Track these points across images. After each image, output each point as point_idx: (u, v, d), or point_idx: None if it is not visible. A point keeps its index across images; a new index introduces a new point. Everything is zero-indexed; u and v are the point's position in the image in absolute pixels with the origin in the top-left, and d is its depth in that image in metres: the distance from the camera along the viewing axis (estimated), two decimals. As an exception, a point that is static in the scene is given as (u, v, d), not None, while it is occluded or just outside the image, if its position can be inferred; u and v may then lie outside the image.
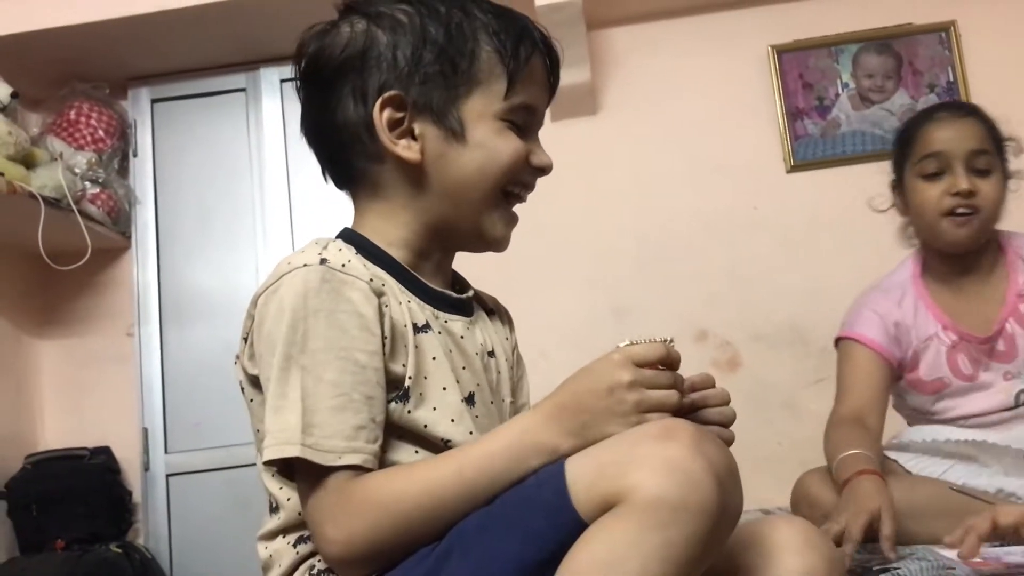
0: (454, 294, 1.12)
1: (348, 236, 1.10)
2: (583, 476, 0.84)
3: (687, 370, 1.04)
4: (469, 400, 1.06)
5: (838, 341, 1.92)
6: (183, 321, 3.01)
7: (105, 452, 2.88)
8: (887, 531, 1.46)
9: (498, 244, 1.12)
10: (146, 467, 2.91)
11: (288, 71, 3.04)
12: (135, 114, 3.11)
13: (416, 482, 0.91)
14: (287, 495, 1.03)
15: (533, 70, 1.08)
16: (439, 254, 1.13)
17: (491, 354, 1.16)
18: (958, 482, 1.69)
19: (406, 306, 1.03)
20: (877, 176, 1.97)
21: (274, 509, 1.07)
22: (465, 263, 1.22)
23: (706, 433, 0.86)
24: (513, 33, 1.07)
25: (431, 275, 1.11)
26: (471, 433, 1.03)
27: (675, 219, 2.95)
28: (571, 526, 0.83)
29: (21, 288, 2.98)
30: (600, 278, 2.93)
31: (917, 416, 1.92)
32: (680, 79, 3.05)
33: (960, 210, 1.76)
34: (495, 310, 1.25)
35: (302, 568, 1.01)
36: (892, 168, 1.94)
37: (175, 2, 2.71)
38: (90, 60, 2.94)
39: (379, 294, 0.99)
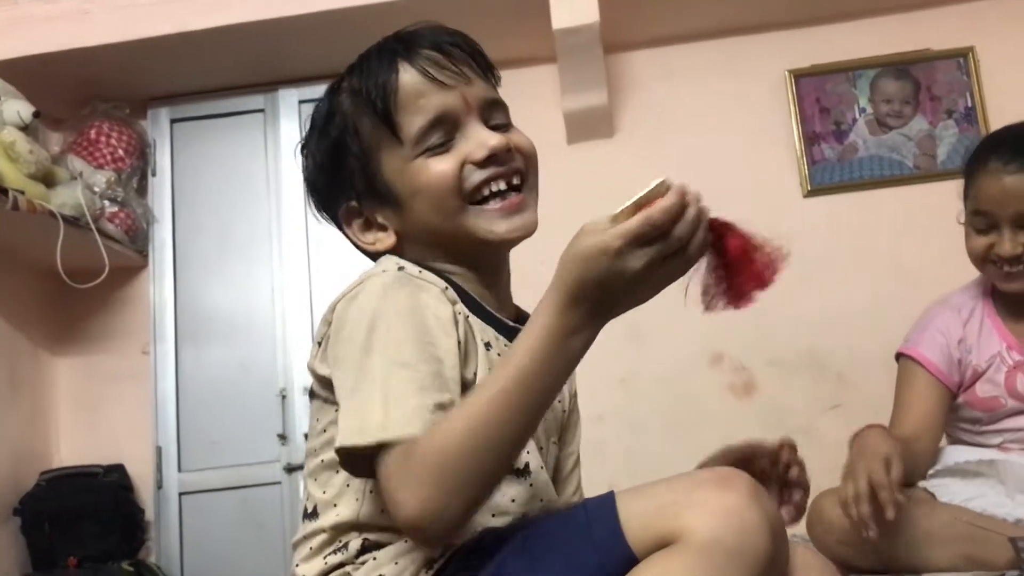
0: (509, 322, 1.10)
1: (418, 263, 1.09)
2: (638, 514, 0.86)
3: (703, 396, 1.04)
4: None
5: (899, 356, 1.90)
6: (199, 340, 3.02)
7: (118, 470, 2.89)
8: (895, 474, 1.47)
9: (511, 235, 1.08)
10: (159, 485, 2.91)
11: (305, 92, 3.11)
12: (154, 134, 3.14)
13: (463, 422, 0.85)
14: (334, 501, 1.01)
15: (406, 90, 1.06)
16: (486, 277, 1.11)
17: None
18: (979, 510, 1.66)
19: (474, 325, 1.04)
20: (894, 201, 1.96)
21: (309, 515, 1.05)
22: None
23: (761, 487, 0.88)
24: (369, 76, 1.09)
25: (490, 303, 1.10)
26: (527, 452, 1.02)
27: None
28: (622, 562, 0.85)
29: (39, 305, 3.00)
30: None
31: (964, 429, 1.90)
32: (697, 103, 3.05)
33: (1006, 268, 1.74)
34: None
35: None
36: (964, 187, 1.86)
37: (195, 24, 2.74)
38: (111, 80, 2.97)
39: (453, 301, 1.01)
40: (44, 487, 2.78)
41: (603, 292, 0.86)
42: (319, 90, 3.40)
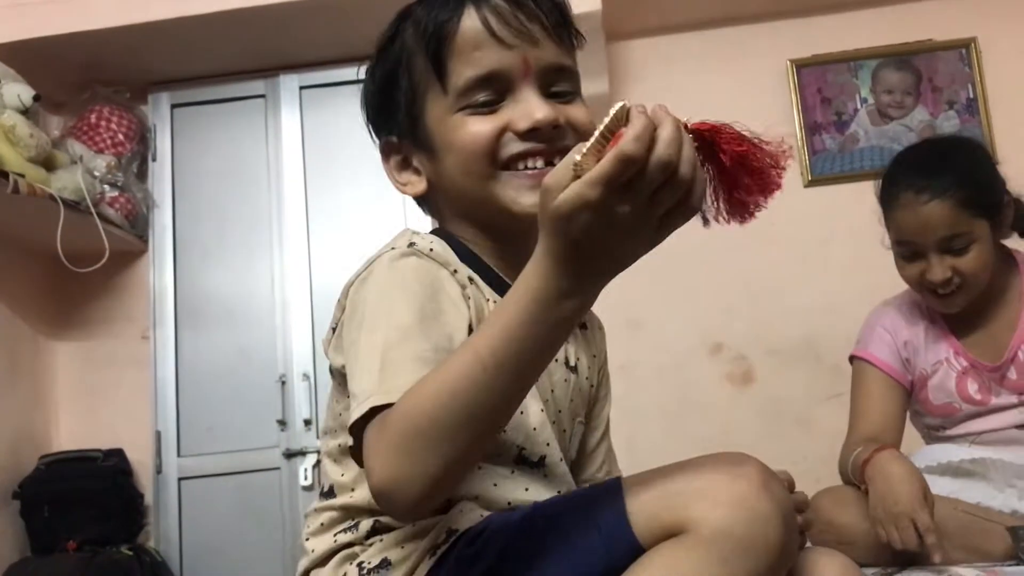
0: None
1: (443, 234, 1.06)
2: (646, 503, 0.84)
3: (701, 385, 1.04)
4: (545, 403, 1.03)
5: (852, 359, 1.90)
6: (198, 325, 3.02)
7: (118, 454, 2.89)
8: (924, 524, 1.48)
9: (532, 211, 0.90)
10: (158, 470, 2.92)
11: (307, 78, 3.10)
12: (155, 119, 3.13)
13: (435, 386, 0.79)
14: (352, 483, 1.01)
15: (464, 36, 0.99)
16: (513, 248, 1.04)
17: (572, 369, 1.10)
18: (973, 502, 1.67)
19: (488, 305, 1.00)
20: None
21: (325, 493, 1.05)
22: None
23: (772, 472, 0.86)
24: (433, 9, 1.02)
25: (514, 276, 1.03)
26: (548, 444, 1.00)
27: (690, 232, 2.91)
28: (627, 549, 0.82)
29: (38, 289, 3.00)
30: (614, 291, 2.91)
31: (930, 433, 1.91)
32: (698, 92, 3.04)
33: (940, 291, 1.72)
34: (588, 324, 1.18)
35: (340, 556, 1.00)
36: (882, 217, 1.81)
37: (196, 8, 2.73)
38: (111, 65, 2.96)
39: (462, 285, 0.98)
40: (43, 471, 2.79)
41: (593, 249, 0.75)
42: (320, 76, 3.42)
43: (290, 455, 2.89)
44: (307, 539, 1.05)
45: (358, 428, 0.84)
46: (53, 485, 2.73)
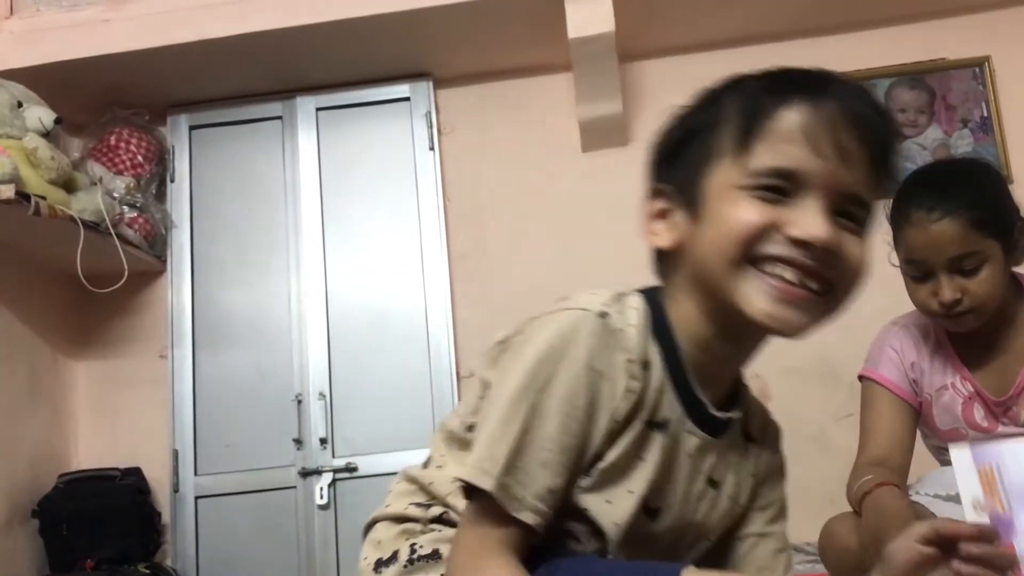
0: (714, 411, 1.02)
1: (652, 301, 1.02)
2: None
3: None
4: (652, 514, 1.00)
5: (861, 378, 1.89)
6: (216, 345, 3.04)
7: (136, 473, 2.91)
8: None
9: (769, 320, 0.94)
10: (176, 488, 2.94)
11: (323, 100, 3.13)
12: (173, 140, 3.17)
13: None
14: (442, 463, 1.06)
15: (781, 125, 0.94)
16: (724, 347, 1.02)
17: (714, 485, 1.06)
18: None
19: (655, 396, 0.98)
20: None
21: (425, 464, 1.10)
22: (488, 294, 1.22)
23: None
24: (767, 87, 0.97)
25: (704, 375, 1.02)
26: (623, 544, 0.98)
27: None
28: None
29: (59, 309, 3.03)
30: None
31: (939, 454, 1.89)
32: (712, 112, 3.06)
33: (951, 312, 1.69)
34: (761, 437, 1.14)
35: (402, 528, 1.04)
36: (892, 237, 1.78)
37: (214, 32, 2.77)
38: (131, 87, 3.00)
39: (632, 376, 0.95)
40: (62, 489, 2.81)
41: None
42: (336, 98, 3.45)
43: (306, 474, 2.90)
44: (390, 491, 1.09)
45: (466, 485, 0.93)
46: (72, 503, 2.75)
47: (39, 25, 2.82)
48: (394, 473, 1.13)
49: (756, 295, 0.94)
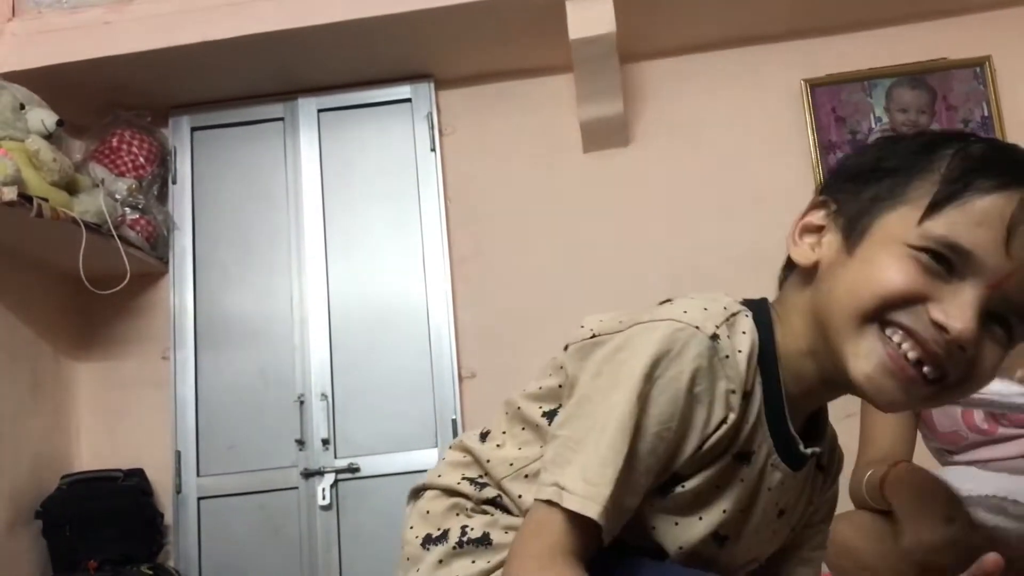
0: (802, 446, 0.98)
1: (761, 321, 0.97)
2: None
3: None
4: (721, 541, 0.97)
5: None
6: (218, 346, 3.04)
7: (138, 474, 2.91)
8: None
9: (867, 384, 0.89)
10: (178, 490, 2.94)
11: (325, 101, 3.14)
12: (175, 142, 3.17)
13: None
14: (501, 440, 1.02)
15: (976, 207, 0.86)
16: (816, 384, 0.97)
17: (781, 514, 1.03)
18: (989, 524, 1.66)
19: (750, 428, 0.94)
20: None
21: (484, 435, 1.05)
22: (489, 294, 1.21)
23: None
24: (997, 163, 0.89)
25: (794, 406, 0.98)
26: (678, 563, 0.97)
27: (706, 251, 2.95)
28: None
29: (61, 311, 3.04)
30: (629, 308, 2.93)
31: (940, 455, 1.89)
32: (712, 112, 3.06)
33: None
34: (829, 464, 1.10)
35: (453, 502, 1.01)
36: None
37: (216, 33, 2.78)
38: (133, 89, 3.01)
39: (731, 408, 0.91)
40: (65, 491, 2.81)
41: None
42: (338, 99, 3.45)
43: (308, 475, 2.90)
44: (443, 459, 1.05)
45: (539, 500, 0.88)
46: (74, 505, 2.76)
47: (41, 27, 2.82)
48: (397, 474, 1.13)
49: (867, 356, 0.89)
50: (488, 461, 1.00)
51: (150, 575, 2.69)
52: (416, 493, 1.07)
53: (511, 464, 0.99)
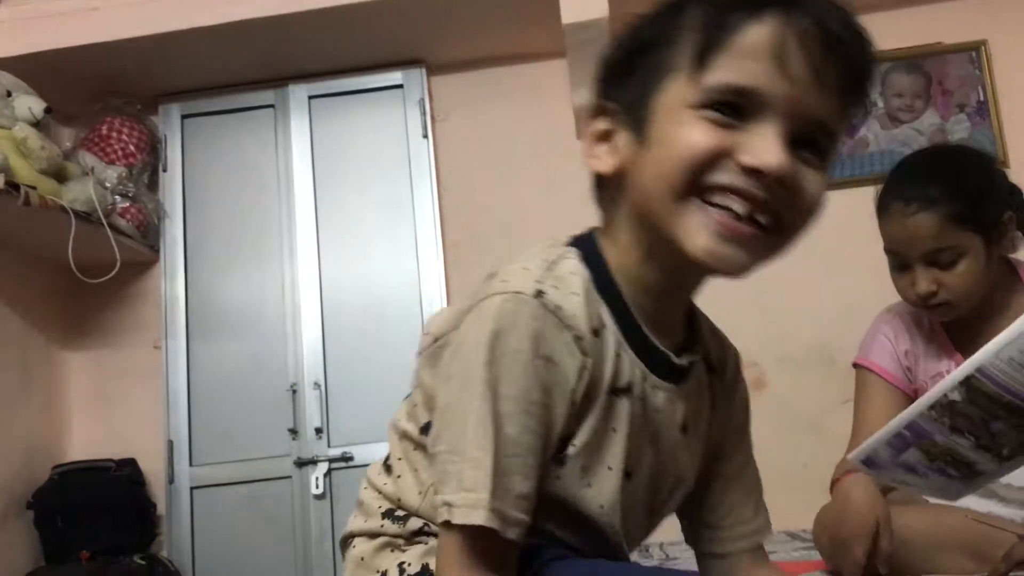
0: (674, 358, 0.96)
1: (590, 252, 0.95)
2: None
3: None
4: (628, 476, 0.95)
5: (855, 366, 1.89)
6: (210, 335, 3.03)
7: (130, 464, 2.90)
8: (884, 550, 1.48)
9: (709, 258, 0.85)
10: (171, 479, 2.93)
11: (315, 88, 3.11)
12: (165, 129, 3.15)
13: None
14: (400, 471, 1.01)
15: (746, 40, 0.83)
16: (669, 287, 0.95)
17: (684, 429, 1.01)
18: (984, 511, 1.65)
19: (613, 362, 0.92)
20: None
21: (386, 464, 1.04)
22: (473, 279, 1.19)
23: None
24: (721, 2, 0.86)
25: (657, 320, 0.95)
26: (612, 524, 0.95)
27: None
28: None
29: (51, 300, 3.02)
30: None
31: None
32: (707, 97, 3.04)
33: (930, 302, 1.69)
34: (721, 363, 1.09)
35: (382, 541, 1.00)
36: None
37: (205, 20, 2.75)
38: (122, 76, 2.98)
39: (584, 352, 0.88)
40: (57, 481, 2.80)
41: None
42: (329, 85, 3.43)
43: (301, 464, 2.89)
44: (362, 501, 1.04)
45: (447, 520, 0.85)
46: (66, 495, 2.75)
47: (28, 14, 2.79)
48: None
49: (698, 230, 0.85)
50: (399, 499, 0.99)
51: (143, 565, 2.68)
52: (345, 542, 1.05)
53: (419, 492, 0.97)
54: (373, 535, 1.00)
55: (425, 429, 0.97)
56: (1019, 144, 2.85)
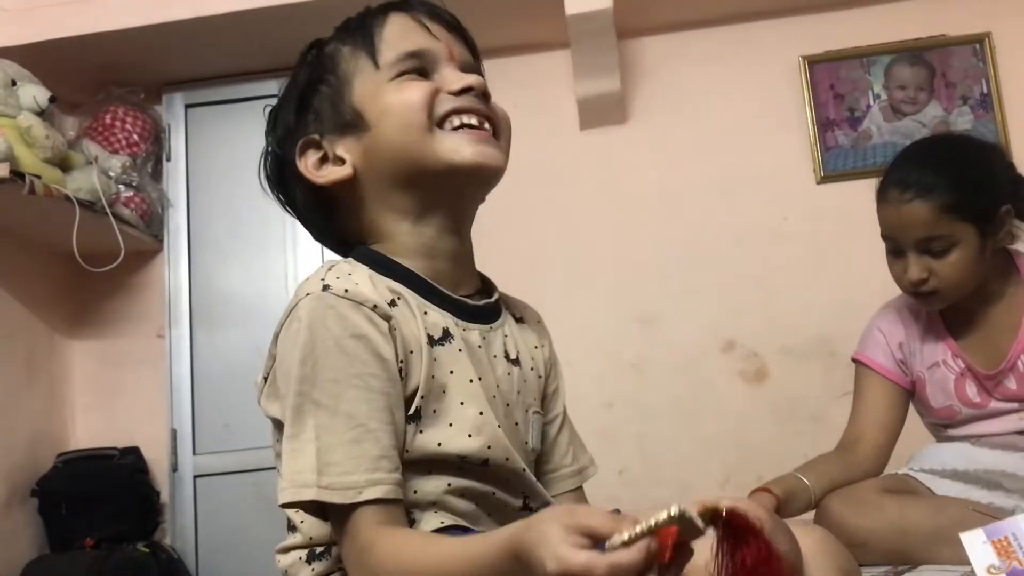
0: (471, 301, 1.10)
1: (363, 253, 1.09)
2: None
3: (714, 383, 1.02)
4: (487, 404, 1.05)
5: (853, 361, 1.91)
6: (213, 324, 3.04)
7: (134, 452, 2.92)
8: None
9: (479, 167, 1.06)
10: (174, 468, 2.94)
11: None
12: (169, 119, 3.15)
13: (426, 561, 0.87)
14: (300, 517, 1.05)
15: (393, 27, 1.10)
16: (450, 243, 1.10)
17: (514, 362, 1.13)
18: (986, 502, 1.66)
19: (421, 320, 1.02)
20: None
21: (291, 528, 1.09)
22: (485, 271, 1.21)
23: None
24: (356, 21, 1.13)
25: (450, 279, 1.09)
26: (489, 447, 1.02)
27: (703, 228, 2.94)
28: None
29: (55, 289, 3.03)
30: (626, 287, 2.93)
31: (936, 431, 1.90)
32: (710, 89, 3.04)
33: (920, 289, 1.70)
34: (524, 318, 1.22)
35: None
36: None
37: (210, 9, 2.75)
38: (126, 65, 2.98)
39: (386, 317, 0.98)
40: (60, 469, 2.81)
41: None
42: (333, 75, 3.36)
43: (304, 453, 2.90)
44: (285, 569, 1.08)
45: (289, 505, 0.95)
46: (70, 483, 2.76)
47: (33, 3, 2.79)
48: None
49: (457, 147, 1.04)
50: (311, 539, 1.05)
51: (146, 552, 2.69)
52: None
53: (323, 522, 1.02)
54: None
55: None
56: (1022, 136, 2.85)
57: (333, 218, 1.15)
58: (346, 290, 0.97)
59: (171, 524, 2.92)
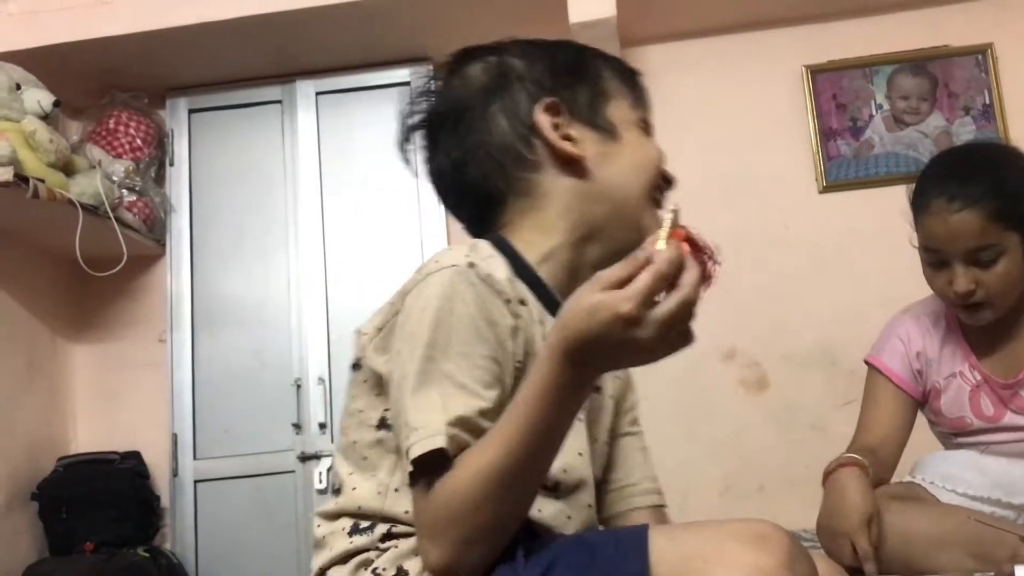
0: None
1: (499, 243, 1.06)
2: (667, 561, 0.83)
3: (715, 391, 1.03)
4: (589, 426, 1.05)
5: (866, 363, 1.89)
6: (215, 329, 3.04)
7: (135, 457, 2.91)
8: (861, 550, 1.48)
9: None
10: (175, 472, 2.94)
11: (323, 84, 3.12)
12: (172, 124, 3.16)
13: (468, 476, 0.86)
14: (354, 483, 1.01)
15: (643, 95, 1.17)
16: (589, 271, 1.02)
17: (598, 390, 1.11)
18: (988, 511, 1.66)
19: (539, 329, 1.00)
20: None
21: (337, 491, 1.05)
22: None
23: (800, 549, 0.84)
24: (612, 58, 1.18)
25: (564, 294, 1.02)
26: (564, 471, 1.00)
27: (705, 235, 2.94)
28: None
29: (57, 293, 3.03)
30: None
31: (945, 439, 1.89)
32: (713, 97, 3.05)
33: (964, 303, 1.66)
34: None
35: (356, 561, 0.98)
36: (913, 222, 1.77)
37: (214, 14, 2.76)
38: (130, 70, 2.99)
39: (516, 315, 0.97)
40: (61, 473, 2.81)
41: (611, 357, 0.84)
42: (336, 82, 3.44)
43: (305, 458, 2.90)
44: (323, 536, 1.03)
45: (418, 461, 0.88)
46: (71, 487, 2.76)
47: (38, 7, 2.81)
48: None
49: (654, 224, 0.98)
50: (360, 507, 1.00)
51: (146, 557, 2.69)
52: None
53: (378, 492, 0.99)
54: (345, 558, 1.00)
55: (382, 422, 1.00)
56: (1024, 147, 2.86)
57: (516, 171, 1.09)
58: (489, 275, 0.96)
59: (171, 529, 2.92)
